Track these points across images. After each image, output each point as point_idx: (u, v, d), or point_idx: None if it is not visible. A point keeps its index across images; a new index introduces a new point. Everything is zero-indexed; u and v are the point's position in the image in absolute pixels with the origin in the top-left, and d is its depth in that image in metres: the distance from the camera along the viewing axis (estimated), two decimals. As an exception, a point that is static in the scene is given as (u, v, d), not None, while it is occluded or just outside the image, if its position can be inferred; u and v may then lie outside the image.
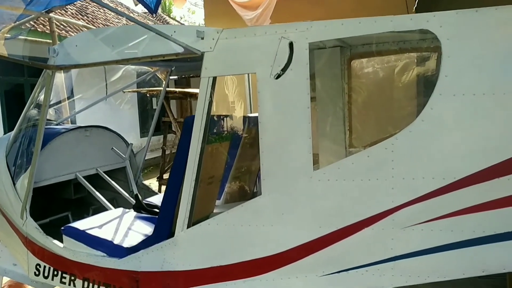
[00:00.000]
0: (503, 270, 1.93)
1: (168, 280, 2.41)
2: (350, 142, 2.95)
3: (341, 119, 2.92)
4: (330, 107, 2.98)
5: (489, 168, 1.87)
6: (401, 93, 3.01)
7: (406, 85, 2.97)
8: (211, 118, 2.34)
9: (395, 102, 3.04)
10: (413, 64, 2.96)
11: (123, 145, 3.87)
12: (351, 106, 2.94)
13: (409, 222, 1.99)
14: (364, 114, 2.96)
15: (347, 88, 2.96)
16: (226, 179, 3.12)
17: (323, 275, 2.14)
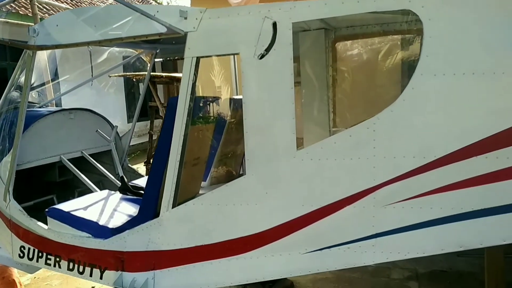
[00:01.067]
0: (479, 245, 1.99)
1: (154, 259, 2.44)
2: (334, 123, 2.98)
3: (325, 101, 2.93)
4: (314, 89, 2.99)
5: (468, 146, 1.92)
6: (385, 75, 3.04)
7: (390, 67, 2.99)
8: (195, 99, 2.34)
9: (379, 83, 3.07)
10: (396, 46, 2.98)
11: (108, 127, 3.84)
12: (335, 88, 2.95)
13: (390, 200, 2.03)
14: (348, 96, 2.98)
15: (331, 70, 2.97)
16: (212, 161, 3.13)
17: (306, 253, 2.18)
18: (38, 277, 4.33)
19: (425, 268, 4.05)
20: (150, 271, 2.46)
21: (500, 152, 1.88)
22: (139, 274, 2.48)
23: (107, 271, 2.56)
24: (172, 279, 2.42)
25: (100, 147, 3.80)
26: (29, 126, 3.15)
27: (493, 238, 1.96)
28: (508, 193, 1.89)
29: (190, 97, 2.26)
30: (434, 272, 3.98)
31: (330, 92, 2.94)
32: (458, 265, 4.05)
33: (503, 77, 1.86)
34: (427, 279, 3.86)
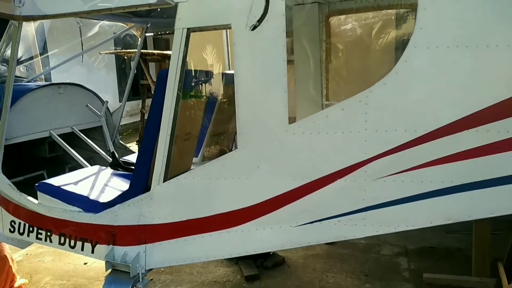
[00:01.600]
0: (468, 218, 2.01)
1: (145, 233, 2.44)
2: (327, 97, 2.96)
3: (318, 75, 2.91)
4: (307, 64, 2.96)
5: (459, 120, 1.91)
6: (379, 49, 3.01)
7: (384, 41, 2.96)
8: (186, 73, 2.30)
9: (372, 58, 3.04)
10: (391, 20, 2.94)
11: (98, 103, 3.79)
12: (328, 63, 2.92)
13: (381, 173, 2.04)
14: (342, 70, 2.95)
15: (325, 45, 2.93)
16: (203, 137, 3.12)
17: (297, 226, 2.19)
18: (30, 254, 4.34)
19: (414, 245, 4.12)
20: (142, 245, 2.47)
21: (490, 126, 1.89)
22: (130, 248, 2.49)
23: (99, 245, 2.57)
24: (163, 252, 2.43)
25: (91, 123, 3.76)
26: (17, 100, 3.10)
27: (481, 211, 1.98)
28: (497, 166, 1.90)
29: (181, 70, 2.22)
30: (423, 248, 4.06)
31: (323, 67, 2.91)
32: (446, 242, 4.13)
33: (496, 50, 1.84)
34: (416, 255, 3.93)
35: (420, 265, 3.71)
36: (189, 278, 3.74)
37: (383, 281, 3.48)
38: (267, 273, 3.75)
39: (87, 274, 3.89)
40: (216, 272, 3.82)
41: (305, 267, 3.81)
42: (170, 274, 3.84)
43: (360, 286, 3.44)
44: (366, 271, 3.66)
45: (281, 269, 3.81)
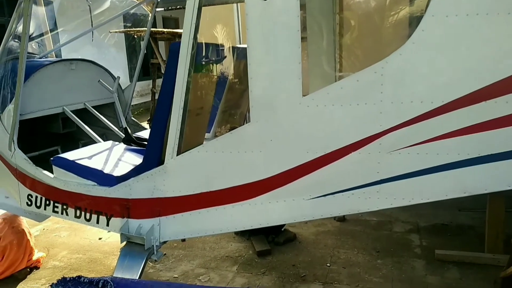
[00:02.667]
0: (484, 191, 1.98)
1: (159, 206, 2.47)
2: (341, 70, 2.92)
3: (331, 49, 2.86)
4: (321, 37, 2.91)
5: (477, 91, 1.87)
6: (393, 21, 2.93)
7: (398, 12, 2.89)
8: (198, 46, 2.28)
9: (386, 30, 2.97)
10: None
11: (110, 80, 3.79)
12: (342, 36, 2.87)
13: (396, 146, 2.01)
14: (355, 43, 2.90)
15: (338, 18, 2.87)
16: (215, 112, 3.11)
17: (310, 199, 2.19)
18: (46, 229, 4.45)
19: (426, 222, 4.11)
20: (156, 217, 2.50)
21: (509, 97, 1.84)
22: (144, 221, 2.52)
23: (113, 218, 2.61)
24: (177, 225, 2.46)
25: (103, 99, 3.78)
26: (30, 76, 3.12)
27: (497, 183, 1.95)
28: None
29: (193, 42, 2.20)
30: (435, 225, 4.05)
31: (337, 40, 2.86)
32: (458, 219, 4.12)
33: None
34: (428, 232, 3.93)
35: (432, 242, 3.71)
36: (202, 253, 3.80)
37: (395, 257, 3.49)
38: (278, 248, 3.79)
39: (102, 249, 3.98)
40: (228, 247, 3.87)
41: (316, 243, 3.84)
42: (183, 249, 3.91)
43: (371, 262, 3.46)
44: (377, 248, 3.67)
45: (293, 245, 3.85)
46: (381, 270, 3.32)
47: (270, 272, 3.42)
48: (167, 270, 3.56)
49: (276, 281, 3.29)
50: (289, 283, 3.25)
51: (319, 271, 3.37)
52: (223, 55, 2.90)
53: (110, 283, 1.19)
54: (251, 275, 3.40)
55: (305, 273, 3.35)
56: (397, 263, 3.40)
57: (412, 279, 3.17)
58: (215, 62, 2.76)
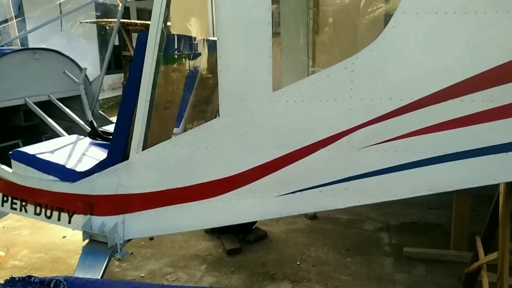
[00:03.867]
0: (449, 188, 2.00)
1: (123, 203, 2.38)
2: (314, 65, 2.90)
3: (305, 43, 2.84)
4: (295, 32, 2.88)
5: (444, 89, 1.88)
6: (368, 16, 2.93)
7: (373, 8, 2.89)
8: (167, 37, 2.21)
9: (361, 25, 2.97)
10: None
11: (77, 71, 3.64)
12: (316, 31, 2.85)
13: (365, 143, 2.00)
14: (329, 38, 2.88)
15: (312, 13, 2.85)
16: (185, 107, 3.03)
17: (279, 196, 2.16)
18: (7, 227, 4.26)
19: (396, 220, 4.17)
20: (120, 214, 2.41)
21: (475, 96, 1.86)
22: (108, 218, 2.43)
23: (76, 215, 2.50)
24: (142, 222, 2.38)
25: (69, 91, 3.62)
26: (-12, 65, 2.96)
27: (462, 181, 1.97)
28: (478, 137, 1.88)
29: (161, 32, 2.12)
30: (404, 223, 4.11)
31: (311, 35, 2.83)
32: (427, 217, 4.19)
33: (484, 17, 1.80)
34: (397, 230, 3.98)
35: (401, 239, 3.75)
36: (170, 252, 3.72)
37: (364, 255, 3.51)
38: (249, 247, 3.75)
39: (66, 248, 3.83)
40: (198, 246, 3.80)
41: (287, 241, 3.82)
42: (151, 248, 3.81)
43: (341, 260, 3.47)
44: (347, 246, 3.69)
45: (263, 243, 3.82)
46: (350, 268, 3.34)
47: (239, 270, 3.38)
48: (134, 269, 3.46)
49: (245, 280, 3.25)
50: (258, 281, 3.21)
51: (289, 269, 3.35)
52: (193, 47, 2.83)
53: (63, 282, 1.12)
54: (220, 274, 3.35)
55: (275, 272, 3.33)
56: (366, 261, 3.42)
57: (381, 277, 3.19)
58: (185, 54, 2.68)
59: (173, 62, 2.52)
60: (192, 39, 2.82)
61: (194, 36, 2.81)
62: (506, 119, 1.87)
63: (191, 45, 2.83)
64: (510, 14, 1.78)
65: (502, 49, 1.82)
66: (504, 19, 1.79)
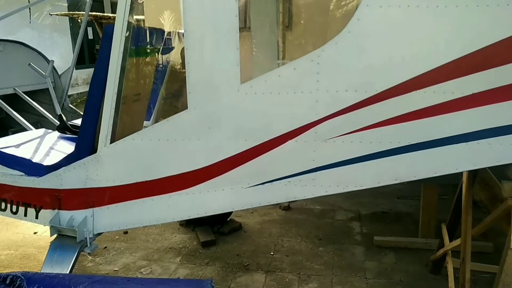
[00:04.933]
0: (414, 178, 2.05)
1: (92, 197, 2.35)
2: (284, 58, 2.92)
3: (275, 37, 2.85)
4: (264, 25, 2.89)
5: (408, 81, 1.92)
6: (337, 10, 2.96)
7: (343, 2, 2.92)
8: (135, 28, 2.18)
9: (331, 19, 3.00)
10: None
11: (44, 64, 3.55)
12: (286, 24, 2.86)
13: (331, 134, 2.04)
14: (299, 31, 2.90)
15: (282, 6, 2.86)
16: (156, 100, 3.01)
17: (249, 187, 2.17)
18: (-25, 224, 4.14)
19: (367, 210, 4.26)
20: (89, 208, 2.38)
21: (437, 87, 1.91)
22: (77, 212, 2.40)
23: (43, 210, 2.46)
24: (112, 216, 2.36)
25: (36, 85, 3.53)
26: None
27: (426, 171, 2.03)
28: (441, 127, 1.94)
29: (128, 23, 2.09)
30: (375, 213, 4.20)
31: (280, 28, 2.85)
32: (397, 207, 4.30)
33: (446, 11, 1.84)
34: (368, 219, 4.07)
35: (372, 229, 3.84)
36: (144, 245, 3.71)
37: (336, 245, 3.59)
38: (223, 238, 3.77)
39: (37, 244, 3.77)
40: (172, 239, 3.80)
41: (261, 232, 3.86)
42: (125, 241, 3.79)
43: (313, 249, 3.53)
44: (320, 235, 3.76)
45: (238, 234, 3.85)
46: (322, 257, 3.40)
47: (213, 262, 3.40)
48: (107, 263, 3.44)
49: (219, 271, 3.27)
50: (232, 272, 3.24)
51: (263, 259, 3.39)
52: (164, 40, 2.80)
53: (20, 277, 1.10)
54: (194, 266, 3.36)
55: (249, 262, 3.36)
56: (338, 250, 3.50)
57: (352, 265, 3.26)
58: (154, 47, 2.65)
59: (140, 55, 2.49)
60: (162, 31, 2.78)
61: (163, 29, 2.78)
62: (466, 109, 1.93)
63: (161, 37, 2.80)
64: (469, 7, 1.83)
65: (462, 42, 1.87)
66: (464, 12, 1.84)
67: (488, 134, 1.93)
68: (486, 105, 1.91)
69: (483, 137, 1.93)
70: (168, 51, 2.90)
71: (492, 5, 1.80)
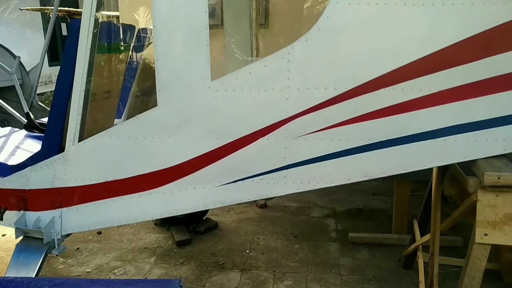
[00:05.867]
0: (383, 174, 2.08)
1: (60, 196, 2.29)
2: (257, 54, 2.91)
3: (248, 35, 2.84)
4: (238, 23, 2.87)
5: (377, 78, 1.94)
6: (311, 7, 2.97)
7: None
8: (106, 24, 2.13)
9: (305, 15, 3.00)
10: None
11: (11, 60, 3.44)
12: (259, 21, 2.85)
13: (302, 131, 2.04)
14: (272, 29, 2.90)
15: (255, 3, 2.85)
16: (127, 97, 2.95)
17: (220, 185, 2.16)
18: None
19: (342, 207, 4.30)
20: (57, 209, 2.32)
21: (405, 85, 1.93)
22: (44, 213, 2.33)
23: (8, 211, 2.38)
24: (81, 216, 2.31)
25: (2, 82, 3.42)
26: None
27: (394, 167, 2.06)
28: (409, 124, 1.97)
29: (95, 18, 2.04)
30: (350, 210, 4.25)
31: (254, 26, 2.83)
32: (372, 203, 4.36)
33: (413, 9, 1.87)
34: (343, 216, 4.11)
35: (347, 225, 3.88)
36: (118, 246, 3.64)
37: (311, 242, 3.60)
38: (199, 237, 3.74)
39: (6, 246, 3.65)
40: (147, 239, 3.75)
41: (237, 231, 3.85)
42: (98, 242, 3.71)
43: (289, 247, 3.54)
44: (295, 233, 3.77)
45: (214, 233, 3.82)
46: (298, 254, 3.41)
47: (189, 261, 3.36)
48: (80, 265, 3.36)
49: (194, 270, 3.24)
50: (208, 271, 3.22)
51: (238, 258, 3.38)
52: (134, 35, 2.75)
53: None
54: (169, 265, 3.32)
55: (224, 261, 3.34)
56: (313, 247, 3.51)
57: (326, 262, 3.29)
58: (126, 42, 2.60)
59: (110, 51, 2.44)
60: (133, 27, 2.73)
61: (134, 25, 2.73)
62: (433, 107, 1.97)
63: (132, 34, 2.74)
64: (436, 6, 1.86)
65: (430, 40, 1.91)
66: (431, 11, 1.87)
67: (454, 131, 1.97)
68: (452, 103, 1.95)
69: (450, 133, 1.97)
70: (140, 48, 2.84)
71: (457, 4, 1.83)
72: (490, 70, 1.89)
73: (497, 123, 1.94)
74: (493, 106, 1.93)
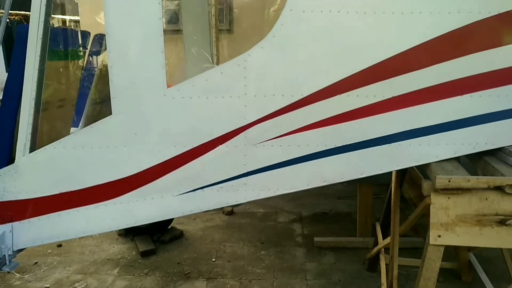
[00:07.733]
0: (341, 179, 2.10)
1: (11, 210, 2.18)
2: (218, 61, 2.89)
3: (207, 41, 2.82)
4: (196, 29, 2.85)
5: (332, 85, 1.97)
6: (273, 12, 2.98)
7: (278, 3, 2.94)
8: (54, 30, 2.06)
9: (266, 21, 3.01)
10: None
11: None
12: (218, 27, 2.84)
13: (260, 138, 2.04)
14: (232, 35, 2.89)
15: (213, 10, 2.84)
16: (84, 105, 2.87)
17: (179, 194, 2.12)
18: None
19: (308, 211, 4.33)
20: (8, 223, 2.21)
21: (360, 91, 1.97)
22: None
23: (-47, 227, 2.25)
24: (34, 230, 2.21)
25: None
26: None
27: (352, 172, 2.08)
28: (364, 129, 2.00)
29: (45, 23, 1.97)
30: (316, 214, 4.28)
31: (213, 32, 2.82)
32: (337, 207, 4.41)
33: (366, 17, 1.90)
34: (309, 220, 4.14)
35: (313, 230, 3.91)
36: (80, 258, 3.52)
37: (278, 247, 3.61)
38: (164, 247, 3.67)
39: (-42, 262, 3.45)
40: (110, 250, 3.64)
41: (203, 239, 3.80)
42: (58, 255, 3.58)
43: (255, 253, 3.52)
44: (262, 239, 3.76)
45: (179, 242, 3.76)
46: (264, 261, 3.40)
47: (153, 272, 3.29)
48: (38, 280, 3.23)
49: (159, 281, 3.18)
50: (173, 281, 3.16)
51: (204, 266, 3.33)
52: (88, 41, 2.68)
53: None
54: (133, 277, 3.24)
55: (190, 270, 3.29)
56: (280, 253, 3.51)
57: (292, 267, 3.29)
58: (77, 49, 2.53)
59: (62, 57, 2.36)
60: (88, 33, 2.66)
61: (88, 31, 2.65)
62: (387, 112, 2.01)
63: (87, 39, 2.67)
64: (387, 14, 1.90)
65: (383, 47, 1.95)
66: (383, 18, 1.91)
67: (408, 135, 2.02)
68: (405, 108, 2.00)
69: (404, 138, 2.01)
70: (97, 54, 2.77)
71: (406, 12, 1.88)
72: (440, 76, 1.95)
73: (448, 127, 2.00)
74: (444, 111, 1.99)
